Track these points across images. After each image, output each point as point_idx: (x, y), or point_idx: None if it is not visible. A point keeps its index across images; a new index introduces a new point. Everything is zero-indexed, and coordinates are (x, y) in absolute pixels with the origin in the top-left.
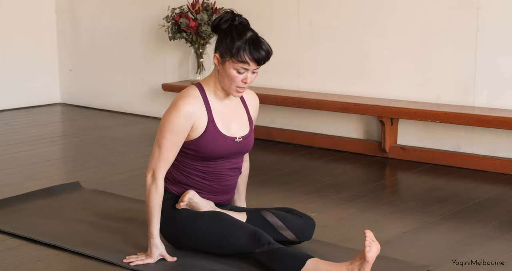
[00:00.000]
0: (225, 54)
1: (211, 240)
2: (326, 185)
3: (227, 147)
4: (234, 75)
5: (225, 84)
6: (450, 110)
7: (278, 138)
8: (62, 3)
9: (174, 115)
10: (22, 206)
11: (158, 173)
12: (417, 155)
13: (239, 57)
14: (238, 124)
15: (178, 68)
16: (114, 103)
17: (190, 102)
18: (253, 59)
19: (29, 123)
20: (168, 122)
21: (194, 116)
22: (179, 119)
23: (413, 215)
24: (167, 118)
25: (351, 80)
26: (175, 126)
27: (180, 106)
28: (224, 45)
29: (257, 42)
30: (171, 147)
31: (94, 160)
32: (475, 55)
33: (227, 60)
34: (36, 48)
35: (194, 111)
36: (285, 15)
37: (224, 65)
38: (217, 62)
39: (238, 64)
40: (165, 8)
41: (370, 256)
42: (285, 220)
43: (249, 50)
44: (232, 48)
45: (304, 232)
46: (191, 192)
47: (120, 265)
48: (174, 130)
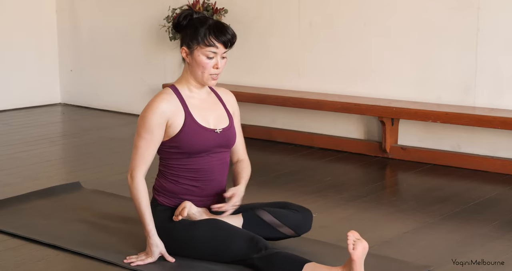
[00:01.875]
0: (192, 43)
1: (208, 249)
2: (327, 185)
3: (208, 139)
4: (204, 62)
5: (197, 75)
6: (451, 110)
7: (279, 138)
8: (63, 3)
9: (148, 113)
10: (22, 206)
11: (136, 172)
12: (418, 155)
13: (205, 41)
14: (216, 117)
15: (178, 68)
16: (114, 104)
17: (163, 99)
18: (219, 41)
19: (30, 124)
20: (142, 121)
21: (168, 112)
22: (153, 116)
23: (414, 215)
24: (141, 117)
25: (352, 81)
26: (149, 124)
27: (152, 105)
28: (188, 36)
29: (220, 25)
30: (147, 145)
31: (94, 160)
32: (476, 55)
33: (195, 48)
34: (37, 48)
35: (168, 108)
36: (285, 16)
37: (193, 55)
38: (186, 55)
39: (206, 49)
40: (166, 8)
41: (355, 254)
42: (281, 217)
43: (214, 33)
44: (197, 35)
45: (302, 226)
46: (188, 204)
47: (120, 265)
48: (149, 128)
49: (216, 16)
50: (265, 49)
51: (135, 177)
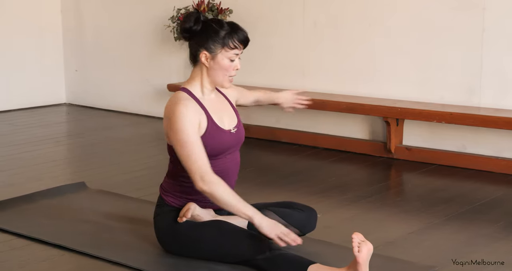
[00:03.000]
0: (215, 47)
1: (213, 250)
2: (331, 186)
3: (227, 140)
4: (228, 64)
5: (218, 78)
6: (455, 111)
7: (283, 138)
8: (67, 4)
9: (183, 120)
10: (27, 206)
11: (206, 173)
12: (422, 156)
13: (230, 44)
14: (228, 116)
15: (183, 68)
16: (119, 104)
17: (187, 104)
18: (242, 41)
19: (35, 124)
20: (183, 128)
21: (197, 115)
22: (189, 120)
23: (418, 215)
24: (179, 126)
25: (356, 81)
26: (190, 127)
27: (182, 110)
28: (210, 39)
29: (237, 26)
30: (199, 146)
31: (99, 160)
32: (481, 56)
33: (219, 52)
34: (42, 49)
35: (195, 111)
36: (290, 16)
37: (216, 59)
38: (206, 59)
39: (230, 52)
40: (171, 8)
41: (360, 256)
42: (287, 216)
43: (236, 35)
44: (220, 38)
45: (307, 225)
46: (192, 205)
47: (125, 265)
48: (191, 132)
49: (221, 16)
50: (270, 49)
51: (209, 178)
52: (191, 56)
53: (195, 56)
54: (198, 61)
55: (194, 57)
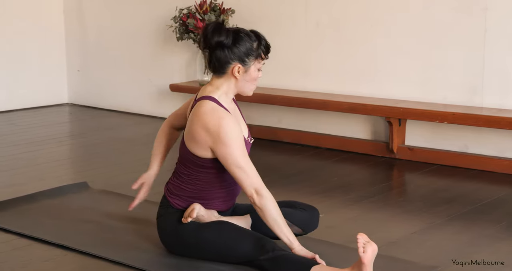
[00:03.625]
0: (248, 59)
1: (216, 250)
2: (333, 186)
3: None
4: (257, 75)
5: (247, 88)
6: (458, 111)
7: (285, 138)
8: (70, 4)
9: (235, 133)
10: (29, 206)
11: (261, 188)
12: (425, 156)
13: (262, 54)
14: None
15: (185, 68)
16: (121, 104)
17: (231, 116)
18: (269, 50)
19: (37, 124)
20: (237, 142)
21: (240, 126)
22: (239, 134)
23: (421, 216)
24: (232, 140)
25: (358, 81)
26: (241, 141)
27: (232, 124)
28: (244, 53)
29: (260, 35)
30: (249, 159)
31: (101, 160)
32: (483, 56)
33: (252, 64)
34: (44, 49)
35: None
36: (292, 16)
37: (248, 71)
38: (239, 72)
39: (260, 63)
40: (173, 8)
41: (365, 257)
42: (289, 216)
43: (264, 45)
44: (254, 50)
45: (309, 225)
46: (197, 206)
47: (128, 265)
48: (243, 145)
49: (223, 16)
50: (272, 50)
51: (263, 194)
52: (218, 66)
53: (224, 68)
54: (225, 73)
55: (222, 68)
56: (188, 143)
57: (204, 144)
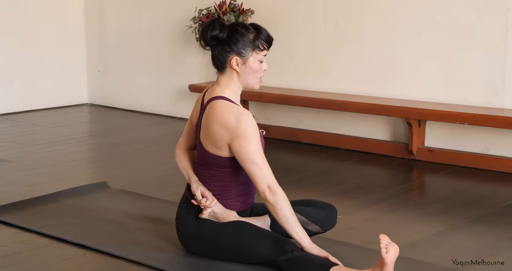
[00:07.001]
0: (245, 51)
1: (234, 251)
2: (352, 187)
3: (262, 142)
4: (258, 66)
5: (250, 81)
6: (478, 112)
7: (304, 139)
8: (91, 5)
9: (253, 129)
10: (50, 205)
11: (273, 184)
12: (445, 157)
13: (260, 45)
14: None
15: (204, 69)
16: (141, 104)
17: (246, 109)
18: (269, 42)
19: (57, 124)
20: (255, 138)
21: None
22: (257, 130)
23: (440, 217)
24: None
25: (377, 82)
26: (258, 137)
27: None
28: (239, 44)
29: (260, 27)
30: (264, 156)
31: (121, 160)
32: (505, 57)
33: (250, 55)
34: (65, 49)
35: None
36: (312, 17)
37: (247, 63)
38: (237, 64)
39: (260, 54)
40: (192, 9)
41: (388, 258)
42: (307, 214)
43: (263, 36)
44: (251, 42)
45: (328, 222)
46: (214, 202)
47: (146, 265)
48: (259, 142)
49: (243, 17)
50: (291, 50)
51: (276, 190)
52: (218, 63)
53: (223, 63)
54: (226, 67)
55: (222, 63)
56: (206, 144)
57: (220, 142)
